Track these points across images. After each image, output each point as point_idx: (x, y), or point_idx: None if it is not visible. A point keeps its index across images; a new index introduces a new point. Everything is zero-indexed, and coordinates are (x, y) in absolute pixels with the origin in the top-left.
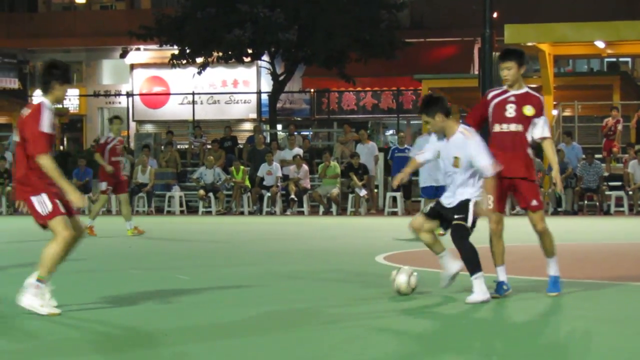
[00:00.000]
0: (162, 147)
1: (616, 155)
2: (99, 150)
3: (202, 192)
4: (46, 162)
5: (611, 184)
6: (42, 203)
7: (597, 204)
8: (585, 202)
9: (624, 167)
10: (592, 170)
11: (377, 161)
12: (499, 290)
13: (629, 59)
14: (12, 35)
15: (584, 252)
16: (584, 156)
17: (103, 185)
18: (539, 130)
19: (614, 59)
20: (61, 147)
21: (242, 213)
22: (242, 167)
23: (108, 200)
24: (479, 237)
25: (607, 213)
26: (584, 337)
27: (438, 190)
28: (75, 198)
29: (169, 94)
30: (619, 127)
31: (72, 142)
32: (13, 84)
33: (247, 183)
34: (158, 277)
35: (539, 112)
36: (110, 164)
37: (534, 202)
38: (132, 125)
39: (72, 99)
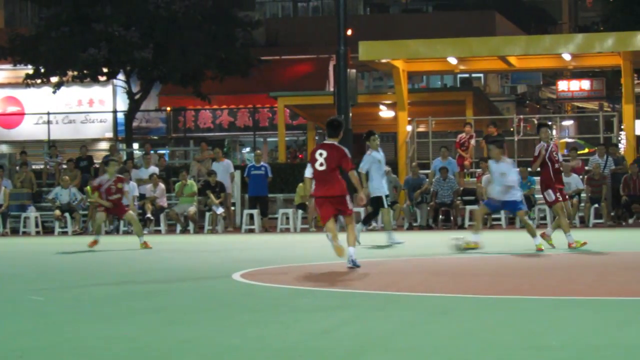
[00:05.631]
0: (17, 167)
1: (469, 170)
2: (95, 190)
3: (58, 212)
4: None
5: (465, 198)
6: None
7: (452, 218)
8: (440, 216)
9: (477, 182)
10: (447, 185)
11: (234, 179)
12: None
13: (481, 75)
14: None
15: (440, 266)
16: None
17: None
18: None
19: (467, 75)
20: None
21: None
22: None
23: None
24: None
25: (461, 227)
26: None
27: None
28: None
29: (24, 114)
30: (472, 142)
31: None
32: None
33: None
34: (11, 298)
35: None
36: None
37: None
38: None
39: None
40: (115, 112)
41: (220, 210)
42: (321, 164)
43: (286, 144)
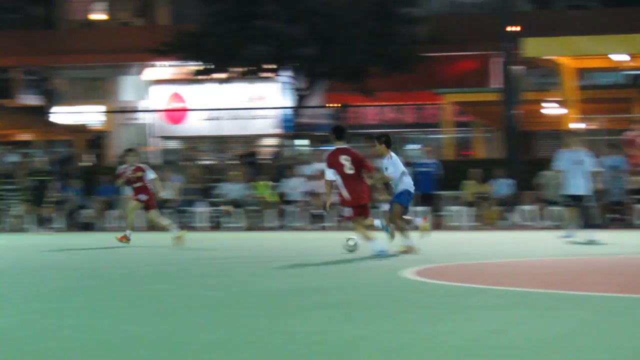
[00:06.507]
0: (186, 163)
1: (638, 168)
2: (118, 177)
3: (228, 207)
4: None
5: (637, 197)
6: None
7: (624, 217)
8: (611, 215)
9: None
10: (617, 184)
11: None
12: None
13: None
14: (32, 53)
15: (615, 266)
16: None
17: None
18: None
19: (636, 72)
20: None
21: (267, 228)
22: (265, 182)
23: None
24: None
25: (632, 226)
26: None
27: None
28: None
29: (193, 109)
30: None
31: (94, 159)
32: (34, 100)
33: (272, 198)
34: (185, 292)
35: None
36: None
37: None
38: (155, 141)
39: (94, 116)
40: (280, 108)
41: (385, 207)
42: (350, 168)
43: (452, 140)
